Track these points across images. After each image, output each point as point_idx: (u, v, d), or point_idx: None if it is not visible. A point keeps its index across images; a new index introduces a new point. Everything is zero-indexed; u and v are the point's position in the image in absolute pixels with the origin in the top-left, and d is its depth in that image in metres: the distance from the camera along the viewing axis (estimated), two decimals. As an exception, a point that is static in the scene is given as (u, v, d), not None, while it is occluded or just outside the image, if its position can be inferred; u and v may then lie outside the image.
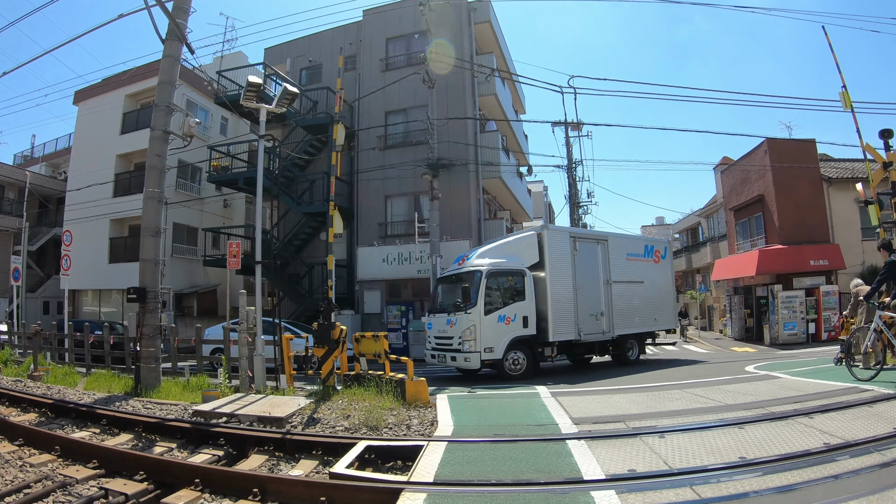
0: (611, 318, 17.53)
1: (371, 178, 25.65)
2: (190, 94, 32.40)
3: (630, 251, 18.85)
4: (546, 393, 11.21)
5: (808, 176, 27.57)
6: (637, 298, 18.65)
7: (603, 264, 17.69)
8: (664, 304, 19.80)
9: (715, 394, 10.29)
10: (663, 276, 20.14)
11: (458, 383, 15.22)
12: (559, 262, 16.46)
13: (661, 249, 20.13)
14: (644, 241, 21.41)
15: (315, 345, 12.12)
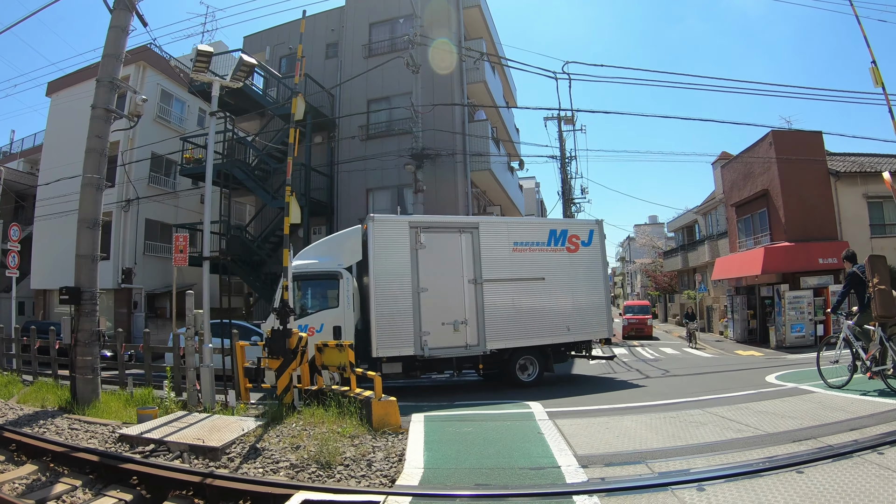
0: (481, 328, 13.96)
1: (351, 169, 23.76)
2: (165, 84, 30.53)
3: (520, 239, 14.70)
4: (542, 413, 9.39)
5: (814, 170, 25.96)
6: (532, 301, 14.55)
7: (467, 259, 14.09)
8: (588, 306, 15.21)
9: (746, 416, 8.50)
10: (585, 269, 15.37)
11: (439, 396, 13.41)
12: (390, 259, 13.53)
13: (581, 234, 15.43)
14: (548, 224, 16.36)
15: (268, 355, 10.18)
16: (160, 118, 30.33)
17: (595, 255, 15.68)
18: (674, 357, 21.73)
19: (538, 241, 15.00)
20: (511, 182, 30.22)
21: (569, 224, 16.83)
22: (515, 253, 14.61)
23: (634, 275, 74.35)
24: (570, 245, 15.23)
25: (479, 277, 14.10)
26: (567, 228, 15.54)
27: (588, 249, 15.49)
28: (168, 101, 31.28)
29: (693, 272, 43.21)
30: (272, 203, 23.62)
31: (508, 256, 14.48)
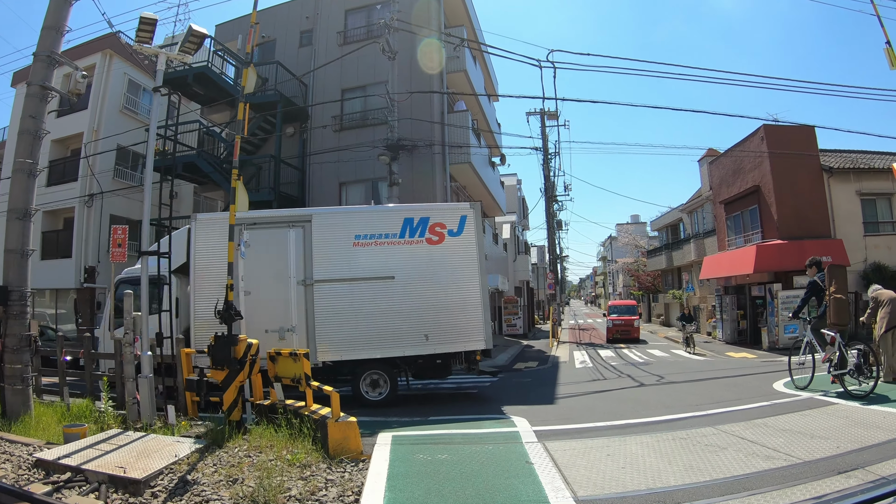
0: (311, 336, 11.99)
1: (324, 161, 22.24)
2: (133, 74, 28.79)
3: (363, 232, 12.41)
4: (529, 434, 8.11)
5: (807, 165, 24.75)
6: (377, 305, 12.23)
7: (296, 257, 12.30)
8: (455, 310, 12.49)
9: (770, 436, 7.26)
10: (452, 264, 12.66)
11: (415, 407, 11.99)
12: (212, 260, 11.96)
13: (447, 222, 12.74)
14: (402, 211, 13.14)
15: (212, 365, 8.72)
16: (127, 109, 28.60)
17: (467, 247, 12.76)
18: (664, 360, 20.39)
19: (387, 232, 12.63)
20: (492, 177, 28.85)
21: (431, 210, 13.42)
22: (357, 248, 12.45)
23: (616, 274, 73.24)
24: (431, 236, 12.59)
25: (310, 277, 12.25)
26: (428, 216, 12.80)
27: (457, 240, 12.70)
28: (136, 92, 29.55)
29: (678, 271, 42.12)
30: (240, 197, 22.15)
31: (347, 252, 12.34)
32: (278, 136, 22.53)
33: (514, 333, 35.42)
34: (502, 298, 36.99)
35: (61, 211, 27.32)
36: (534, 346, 29.10)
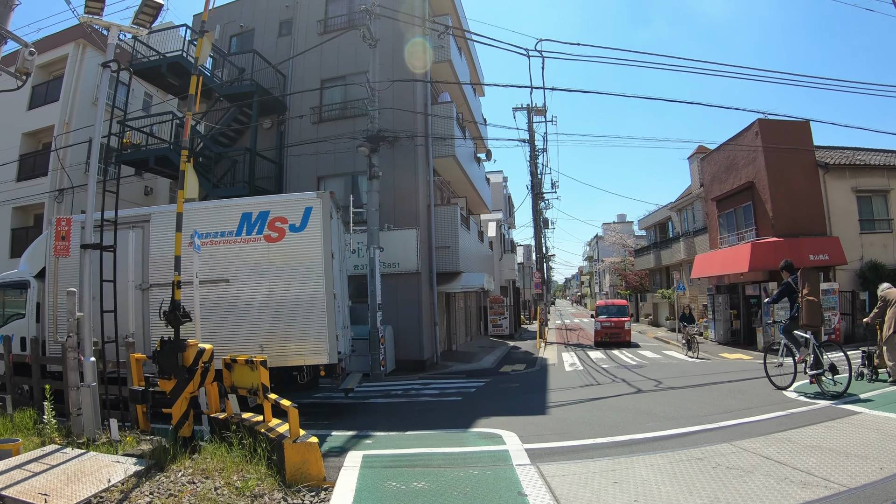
0: (147, 345, 10.88)
1: (302, 153, 21.03)
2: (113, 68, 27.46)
3: (201, 230, 11.01)
4: (520, 452, 7.06)
5: (802, 161, 23.89)
6: (211, 310, 10.86)
7: (136, 259, 11.39)
8: (294, 316, 11.06)
9: (798, 455, 6.29)
10: (292, 264, 11.25)
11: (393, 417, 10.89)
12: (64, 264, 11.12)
13: (289, 216, 11.40)
14: (239, 206, 11.86)
15: (159, 374, 7.55)
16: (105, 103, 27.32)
17: (311, 244, 11.34)
18: (658, 363, 19.34)
19: (224, 230, 11.52)
20: (478, 173, 27.78)
21: (272, 203, 11.96)
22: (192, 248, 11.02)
23: (603, 273, 72.27)
24: (270, 232, 11.32)
25: (146, 282, 11.31)
26: (269, 210, 11.54)
27: (299, 236, 11.36)
28: (110, 84, 28.26)
29: (666, 271, 41.21)
30: (213, 192, 20.87)
31: (184, 254, 9.92)
32: (254, 127, 21.34)
33: (500, 334, 34.39)
34: (488, 298, 35.92)
35: (32, 207, 26.03)
36: (520, 347, 28.06)
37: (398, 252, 19.28)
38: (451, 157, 21.28)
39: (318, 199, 11.58)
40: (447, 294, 23.97)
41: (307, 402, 13.09)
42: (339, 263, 12.36)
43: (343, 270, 12.92)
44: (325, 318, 11.02)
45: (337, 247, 12.13)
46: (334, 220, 12.04)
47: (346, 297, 13.35)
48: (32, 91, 27.59)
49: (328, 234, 11.43)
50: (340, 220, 13.29)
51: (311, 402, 13.06)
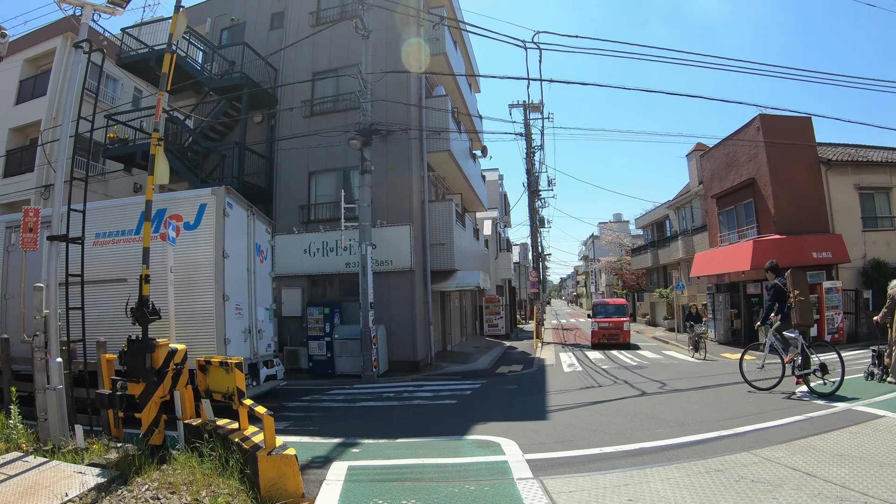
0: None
1: (292, 147, 20.35)
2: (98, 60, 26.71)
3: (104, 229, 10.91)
4: (521, 463, 6.45)
5: (804, 157, 23.35)
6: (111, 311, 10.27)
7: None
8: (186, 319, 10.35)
9: (828, 466, 5.71)
10: (186, 264, 10.64)
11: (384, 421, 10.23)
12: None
13: (184, 213, 10.98)
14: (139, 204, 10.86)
15: (126, 376, 6.88)
16: (90, 95, 26.48)
17: (205, 242, 10.74)
18: (659, 363, 18.66)
19: (124, 228, 11.06)
20: (473, 170, 27.07)
21: (169, 201, 11.47)
22: (97, 247, 10.92)
23: (599, 273, 71.60)
24: (165, 230, 10.27)
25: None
26: (165, 207, 11.04)
27: (193, 234, 10.78)
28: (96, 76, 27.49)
29: (664, 270, 40.61)
30: (201, 187, 20.18)
31: (89, 253, 10.17)
32: (243, 121, 20.68)
33: (496, 334, 33.70)
34: (483, 297, 35.24)
35: (18, 203, 25.27)
36: (517, 347, 27.37)
37: (391, 249, 18.58)
38: (446, 151, 20.57)
39: (212, 196, 11.03)
40: (442, 293, 23.27)
41: (293, 405, 12.46)
42: (251, 263, 11.99)
43: (252, 271, 12.21)
44: (213, 319, 10.53)
45: (244, 246, 11.70)
46: (231, 217, 11.24)
47: (266, 298, 13.03)
48: (20, 85, 26.97)
49: (220, 231, 10.83)
50: (255, 218, 12.63)
51: (298, 405, 12.40)
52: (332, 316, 18.13)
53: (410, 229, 18.59)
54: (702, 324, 22.03)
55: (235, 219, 11.41)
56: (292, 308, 19.51)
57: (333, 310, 18.28)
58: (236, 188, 19.43)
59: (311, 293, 19.93)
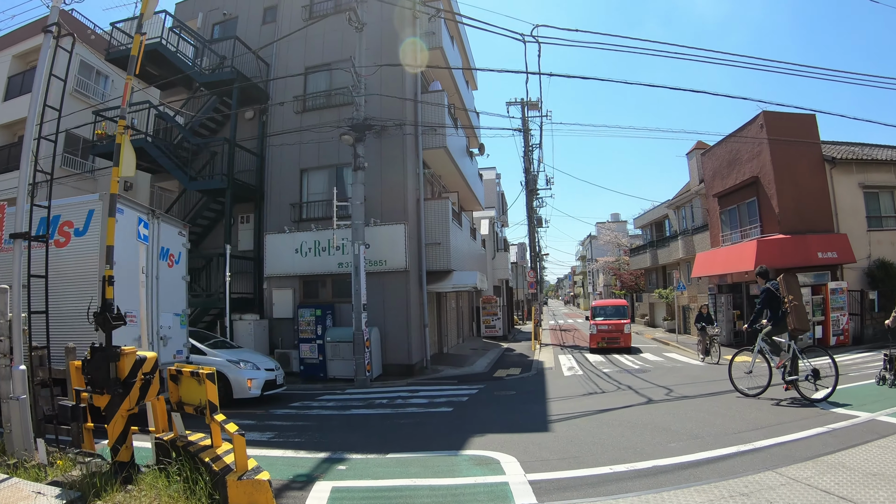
0: None
1: (284, 143, 19.66)
2: (86, 56, 25.97)
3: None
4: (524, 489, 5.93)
5: (809, 156, 22.69)
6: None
7: None
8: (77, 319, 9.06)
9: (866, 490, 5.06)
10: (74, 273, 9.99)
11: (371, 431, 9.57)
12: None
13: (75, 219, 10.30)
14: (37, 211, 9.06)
15: (89, 387, 6.21)
16: (78, 92, 25.76)
17: (91, 250, 10.04)
18: (662, 366, 18.00)
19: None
20: (470, 168, 26.37)
21: (63, 207, 10.48)
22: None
23: (596, 273, 70.94)
24: (59, 237, 10.04)
25: None
26: (60, 213, 10.16)
27: (82, 241, 10.13)
28: (89, 75, 26.73)
29: (663, 270, 39.99)
30: (190, 185, 19.50)
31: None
32: (234, 116, 20.00)
33: (493, 335, 32.97)
34: (480, 298, 34.57)
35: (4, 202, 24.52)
36: (515, 349, 26.67)
37: (385, 249, 17.90)
38: (442, 148, 19.90)
39: (99, 202, 10.25)
40: (438, 294, 22.60)
41: (281, 412, 11.82)
42: (152, 269, 11.32)
43: (154, 277, 11.38)
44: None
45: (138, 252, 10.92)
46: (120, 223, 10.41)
47: (175, 303, 12.19)
48: (8, 82, 26.27)
49: (103, 237, 9.59)
50: (162, 222, 11.79)
51: (286, 412, 11.76)
52: (324, 318, 17.47)
53: (405, 228, 17.95)
54: (714, 325, 21.21)
55: (126, 224, 10.48)
56: (283, 309, 18.84)
57: (325, 311, 17.63)
58: (226, 185, 18.80)
59: (303, 294, 19.24)
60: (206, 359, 12.75)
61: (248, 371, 12.80)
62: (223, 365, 12.59)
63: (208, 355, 12.97)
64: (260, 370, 13.08)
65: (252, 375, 12.78)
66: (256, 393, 12.79)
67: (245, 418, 10.75)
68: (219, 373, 11.24)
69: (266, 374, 13.20)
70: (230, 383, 12.53)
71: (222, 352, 13.45)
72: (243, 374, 12.66)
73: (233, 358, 13.02)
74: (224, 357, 12.99)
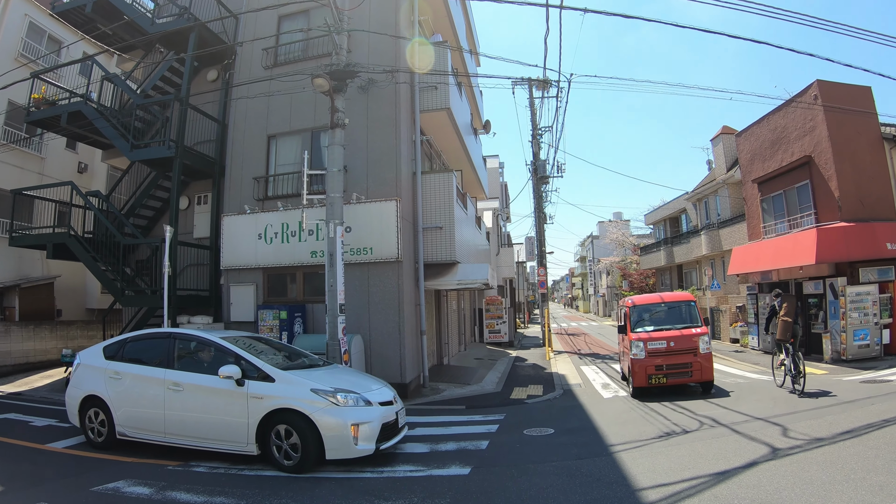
0: None
1: (251, 107, 15.35)
2: (36, 16, 21.44)
3: None
4: None
5: (867, 133, 18.70)
6: None
7: None
8: None
9: None
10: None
11: None
12: None
13: None
14: None
15: None
16: (24, 57, 21.22)
17: None
18: (736, 385, 13.65)
19: None
20: (474, 146, 21.98)
21: None
22: None
23: (599, 274, 66.64)
24: None
25: None
26: None
27: None
28: (38, 38, 22.22)
29: (679, 269, 35.87)
30: (131, 154, 15.15)
31: None
32: (188, 70, 15.65)
33: (498, 342, 28.26)
34: (483, 299, 30.19)
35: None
36: (526, 358, 22.10)
37: (371, 232, 13.42)
38: (445, 109, 15.41)
39: None
40: (437, 291, 18.23)
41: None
42: None
43: None
44: None
45: None
46: None
47: None
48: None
49: None
50: None
51: (224, 473, 7.38)
52: (292, 321, 13.06)
53: (398, 206, 13.42)
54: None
55: None
56: (243, 311, 14.33)
57: (293, 314, 13.24)
58: (174, 153, 14.51)
59: (267, 291, 14.68)
60: (277, 388, 7.41)
61: (353, 410, 7.31)
62: (306, 399, 7.26)
63: (278, 381, 7.48)
64: (372, 406, 7.52)
65: (360, 418, 7.25)
66: (369, 449, 7.22)
67: None
68: (300, 414, 7.14)
69: (382, 413, 7.58)
70: (319, 433, 7.09)
71: (300, 373, 7.97)
72: (346, 417, 7.18)
73: (322, 386, 7.43)
74: (308, 383, 7.49)
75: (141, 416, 8.01)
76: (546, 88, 27.86)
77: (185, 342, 8.41)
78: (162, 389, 7.83)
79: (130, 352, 8.60)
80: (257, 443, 7.26)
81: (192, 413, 7.64)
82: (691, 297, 14.81)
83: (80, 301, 22.85)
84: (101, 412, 8.29)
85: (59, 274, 21.43)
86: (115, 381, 8.28)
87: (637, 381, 12.60)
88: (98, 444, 8.29)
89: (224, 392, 7.42)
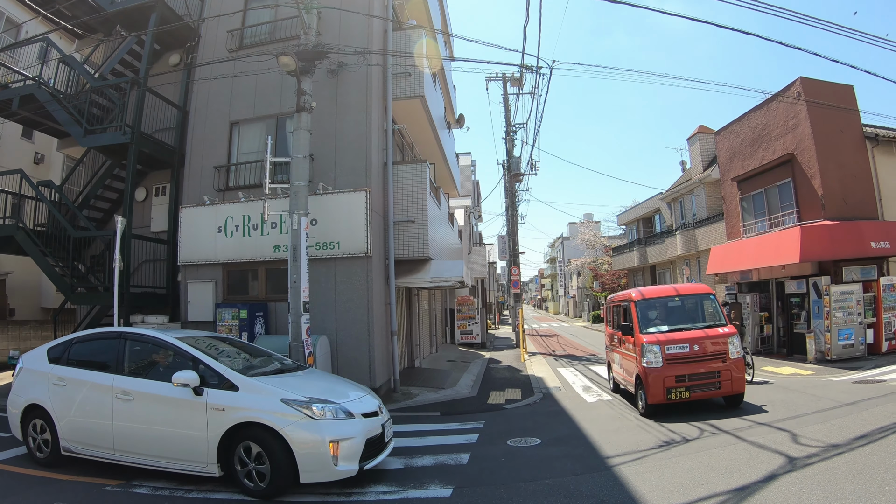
0: None
1: (213, 93, 14.35)
2: (1, 3, 20.24)
3: None
4: None
5: (850, 132, 18.41)
6: None
7: None
8: None
9: None
10: None
11: None
12: None
13: None
14: None
15: None
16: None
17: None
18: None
19: None
20: (448, 142, 21.03)
21: None
22: None
23: (570, 275, 66.09)
24: None
25: None
26: None
27: None
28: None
29: (652, 270, 35.36)
30: (84, 140, 13.99)
31: None
32: (147, 53, 14.52)
33: (470, 343, 27.28)
34: (455, 299, 29.27)
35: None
36: (500, 360, 21.18)
37: (339, 225, 12.34)
38: (419, 97, 14.45)
39: None
40: (408, 290, 17.25)
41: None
42: None
43: None
44: None
45: None
46: None
47: None
48: None
49: None
50: None
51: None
52: (252, 321, 11.97)
53: (367, 196, 12.38)
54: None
55: None
56: (201, 310, 13.16)
57: (254, 313, 12.16)
58: (130, 139, 13.41)
59: (227, 289, 13.53)
60: (241, 398, 6.30)
61: (331, 424, 6.21)
62: (276, 412, 6.16)
63: (243, 390, 6.37)
64: (355, 418, 6.43)
65: (340, 433, 6.17)
66: (351, 470, 6.12)
67: None
68: (268, 429, 6.03)
69: (366, 426, 6.48)
70: (292, 452, 5.98)
71: (268, 380, 6.80)
72: (323, 432, 6.08)
73: (295, 395, 6.33)
74: (278, 392, 6.38)
75: (86, 429, 6.82)
76: (521, 86, 27.21)
77: (137, 343, 7.20)
78: (110, 398, 6.66)
79: (76, 354, 7.39)
80: (219, 462, 6.10)
81: (144, 426, 6.47)
82: (709, 289, 11.84)
83: (35, 299, 21.50)
84: (45, 424, 7.11)
85: (11, 270, 20.12)
86: (59, 388, 7.11)
87: (653, 397, 9.88)
88: (41, 460, 7.14)
89: (179, 402, 6.31)
